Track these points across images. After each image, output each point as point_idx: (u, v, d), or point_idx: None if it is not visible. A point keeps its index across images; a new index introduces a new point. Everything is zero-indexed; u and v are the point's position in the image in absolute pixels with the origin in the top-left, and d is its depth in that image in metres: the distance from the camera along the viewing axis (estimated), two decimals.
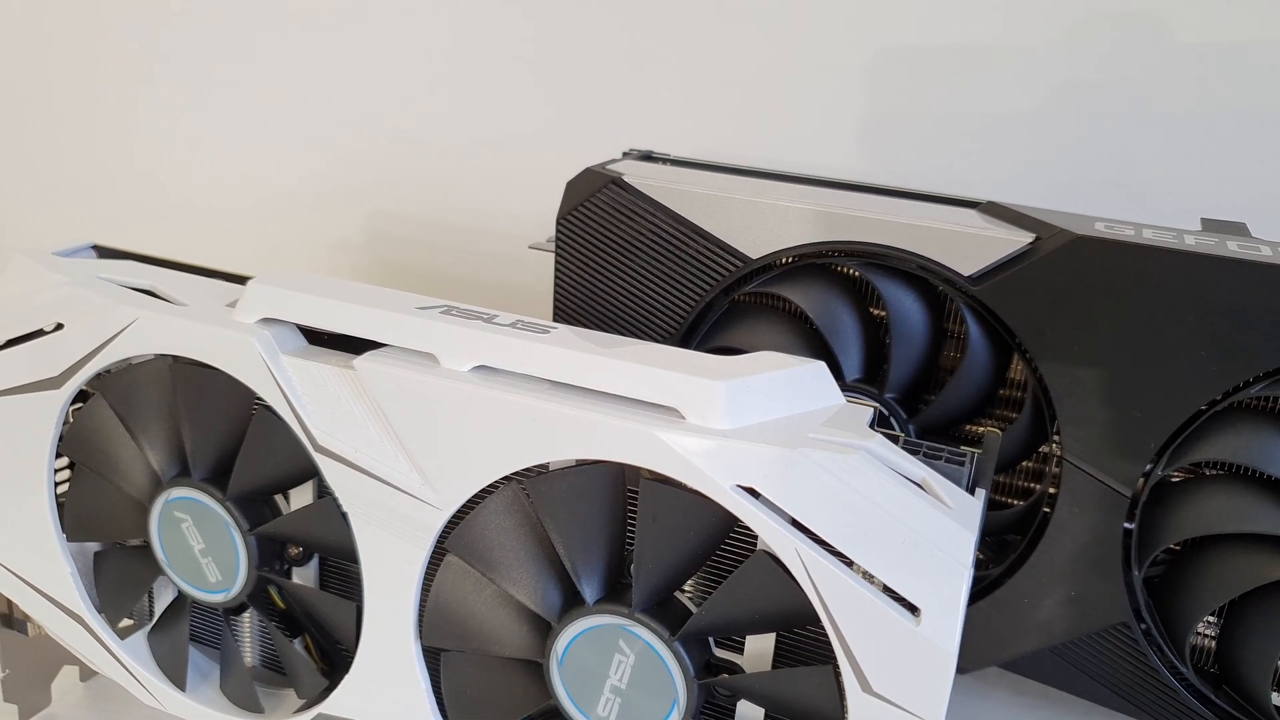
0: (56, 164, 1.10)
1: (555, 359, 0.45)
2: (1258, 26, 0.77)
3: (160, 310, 0.51)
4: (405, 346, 0.47)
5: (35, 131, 1.09)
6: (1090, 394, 0.52)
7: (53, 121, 1.08)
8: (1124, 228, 0.53)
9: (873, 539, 0.40)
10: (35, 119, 1.09)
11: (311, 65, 1.00)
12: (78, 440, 0.55)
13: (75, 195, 1.10)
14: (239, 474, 0.51)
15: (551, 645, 0.46)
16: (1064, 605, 0.56)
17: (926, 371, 0.59)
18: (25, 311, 0.55)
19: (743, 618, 0.43)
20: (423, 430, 0.46)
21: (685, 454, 0.42)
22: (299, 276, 0.51)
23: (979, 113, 0.83)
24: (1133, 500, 0.53)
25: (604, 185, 0.60)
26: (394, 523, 0.48)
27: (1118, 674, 0.56)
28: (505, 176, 0.97)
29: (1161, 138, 0.80)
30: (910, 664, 0.40)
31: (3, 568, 0.59)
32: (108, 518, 0.56)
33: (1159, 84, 0.79)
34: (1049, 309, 0.52)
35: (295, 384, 0.48)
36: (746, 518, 0.41)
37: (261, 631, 0.60)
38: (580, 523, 0.45)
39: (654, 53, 0.90)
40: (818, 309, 0.57)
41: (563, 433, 0.44)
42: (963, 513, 0.41)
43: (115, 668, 0.58)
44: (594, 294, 0.62)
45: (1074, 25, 0.80)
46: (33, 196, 1.12)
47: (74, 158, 1.09)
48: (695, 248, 0.59)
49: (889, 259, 0.56)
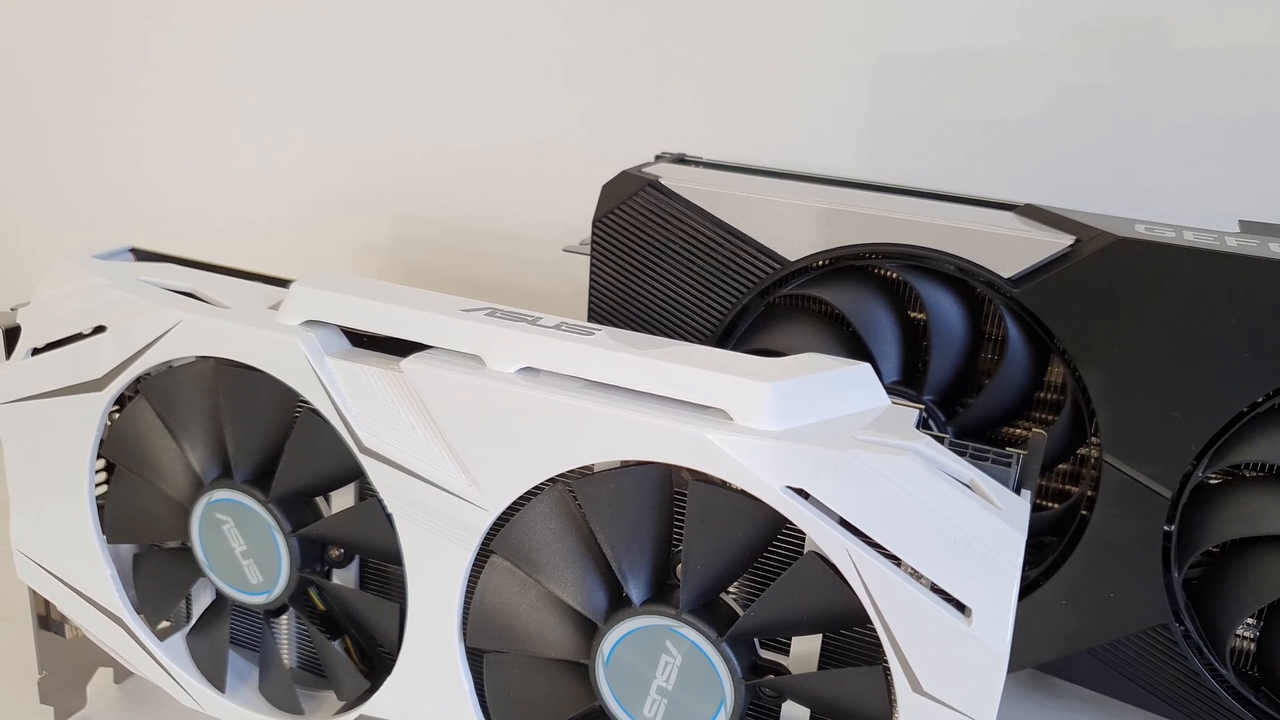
0: (78, 169, 1.10)
1: (601, 360, 0.45)
2: (1261, 31, 0.77)
3: (204, 313, 0.52)
4: (451, 348, 0.48)
5: (60, 138, 1.10)
6: (1131, 395, 0.52)
7: (77, 127, 1.09)
8: (1164, 230, 0.53)
9: (923, 539, 0.40)
10: (59, 125, 1.10)
11: (336, 70, 1.00)
12: (119, 442, 0.56)
13: (98, 201, 1.10)
14: (282, 476, 0.52)
15: (597, 646, 0.47)
16: (1102, 607, 0.56)
17: (964, 374, 0.59)
18: (68, 314, 0.55)
19: (792, 618, 0.44)
20: (470, 432, 0.47)
21: (735, 455, 0.42)
22: (342, 278, 0.51)
23: (984, 117, 0.83)
24: (1173, 502, 0.54)
25: (641, 188, 0.60)
26: (439, 524, 0.48)
27: (1157, 676, 0.56)
28: (530, 181, 0.98)
29: (1166, 143, 0.81)
30: (961, 664, 0.40)
31: (42, 569, 0.59)
32: (148, 520, 0.57)
33: (1163, 89, 0.80)
34: (1090, 311, 0.52)
35: (340, 386, 0.49)
36: (797, 519, 0.41)
37: (299, 633, 0.60)
38: (627, 524, 0.45)
39: (678, 56, 0.91)
40: (856, 311, 0.57)
41: (610, 434, 0.44)
42: (1011, 513, 0.41)
43: (154, 669, 0.59)
44: (629, 297, 0.63)
45: (1078, 30, 0.80)
46: (54, 201, 1.12)
47: (98, 163, 1.10)
48: (732, 250, 0.59)
49: (928, 261, 0.56)
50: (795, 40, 0.87)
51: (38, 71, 1.08)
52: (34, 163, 1.11)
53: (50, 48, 1.07)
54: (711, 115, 0.91)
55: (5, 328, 0.58)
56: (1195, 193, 0.81)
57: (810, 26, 0.86)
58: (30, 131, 1.10)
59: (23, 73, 1.08)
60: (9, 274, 1.14)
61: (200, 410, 0.54)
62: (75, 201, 1.11)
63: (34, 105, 1.09)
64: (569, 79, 0.95)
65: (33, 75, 1.08)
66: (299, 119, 1.03)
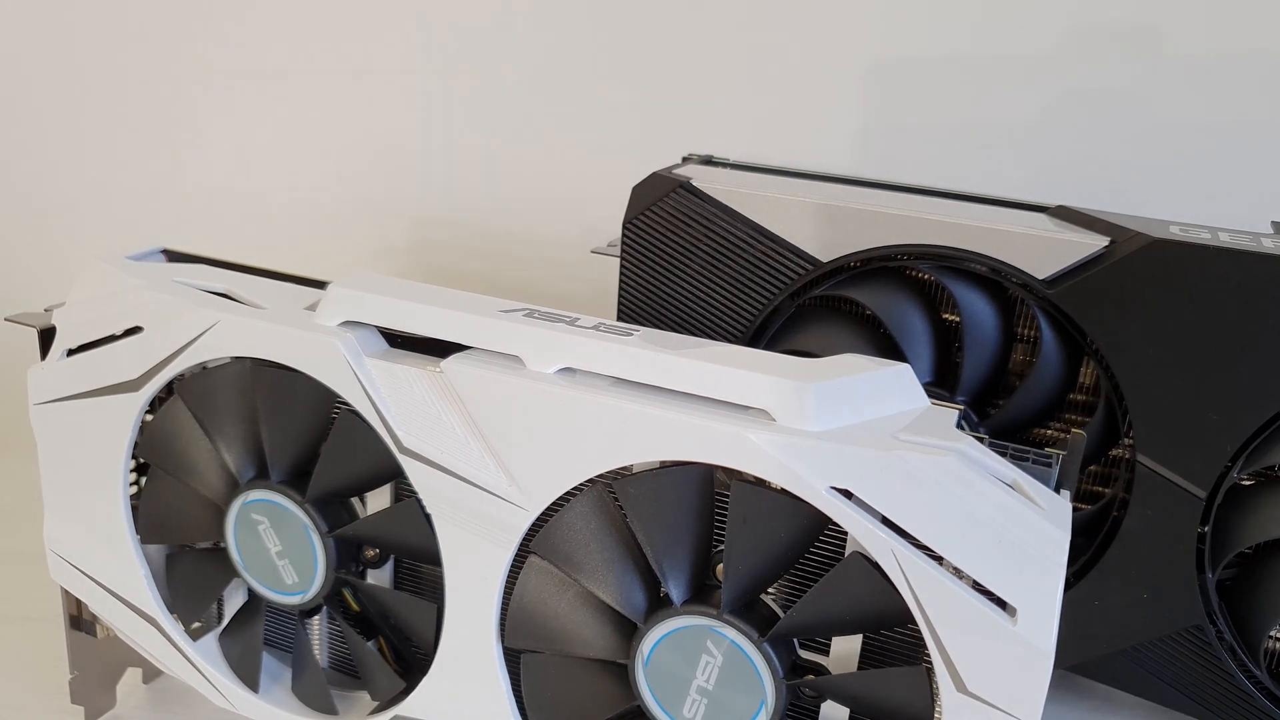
0: (101, 172, 1.11)
1: (641, 360, 0.46)
2: (1255, 38, 0.78)
3: (241, 313, 0.52)
4: (490, 349, 0.48)
5: (83, 141, 1.10)
6: (1166, 396, 0.53)
7: (100, 130, 1.09)
8: (1199, 231, 0.53)
9: (968, 539, 0.41)
10: (82, 128, 1.10)
11: (357, 72, 1.01)
12: (154, 443, 0.56)
13: (120, 202, 1.11)
14: (320, 476, 0.52)
15: (637, 646, 0.47)
16: (1135, 608, 0.56)
17: (997, 376, 0.59)
18: (103, 316, 0.55)
19: (835, 618, 0.44)
20: (510, 432, 0.47)
21: (778, 456, 0.42)
22: (379, 279, 0.52)
23: (980, 122, 0.84)
24: (1207, 503, 0.54)
25: (672, 190, 0.61)
26: (479, 524, 0.48)
27: (1190, 678, 0.56)
28: (550, 183, 0.98)
29: (1161, 148, 0.82)
30: (1007, 664, 0.40)
31: (75, 569, 0.60)
32: (183, 520, 0.57)
33: (1158, 94, 0.80)
34: (1126, 311, 0.53)
35: (380, 386, 0.49)
36: (841, 519, 0.42)
37: (330, 634, 0.61)
38: (668, 524, 0.46)
39: (702, 60, 0.91)
40: (889, 312, 0.58)
41: (652, 434, 0.44)
42: (1054, 513, 0.41)
43: (187, 669, 0.59)
44: (660, 298, 0.63)
45: (1074, 36, 0.81)
46: (78, 204, 1.13)
47: (119, 165, 1.10)
48: (764, 251, 0.59)
49: (962, 262, 0.56)
50: (803, 44, 0.88)
51: (61, 75, 1.09)
52: (58, 166, 1.12)
53: (74, 52, 1.08)
54: (732, 119, 0.92)
55: (40, 329, 0.58)
56: (1190, 199, 0.81)
57: (814, 33, 0.87)
58: (55, 135, 1.11)
59: (48, 76, 1.09)
60: (32, 276, 1.14)
61: (236, 411, 0.54)
62: (98, 204, 1.12)
63: (57, 110, 1.10)
64: (591, 81, 0.95)
65: (57, 79, 1.09)
66: (319, 121, 1.03)
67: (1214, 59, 0.79)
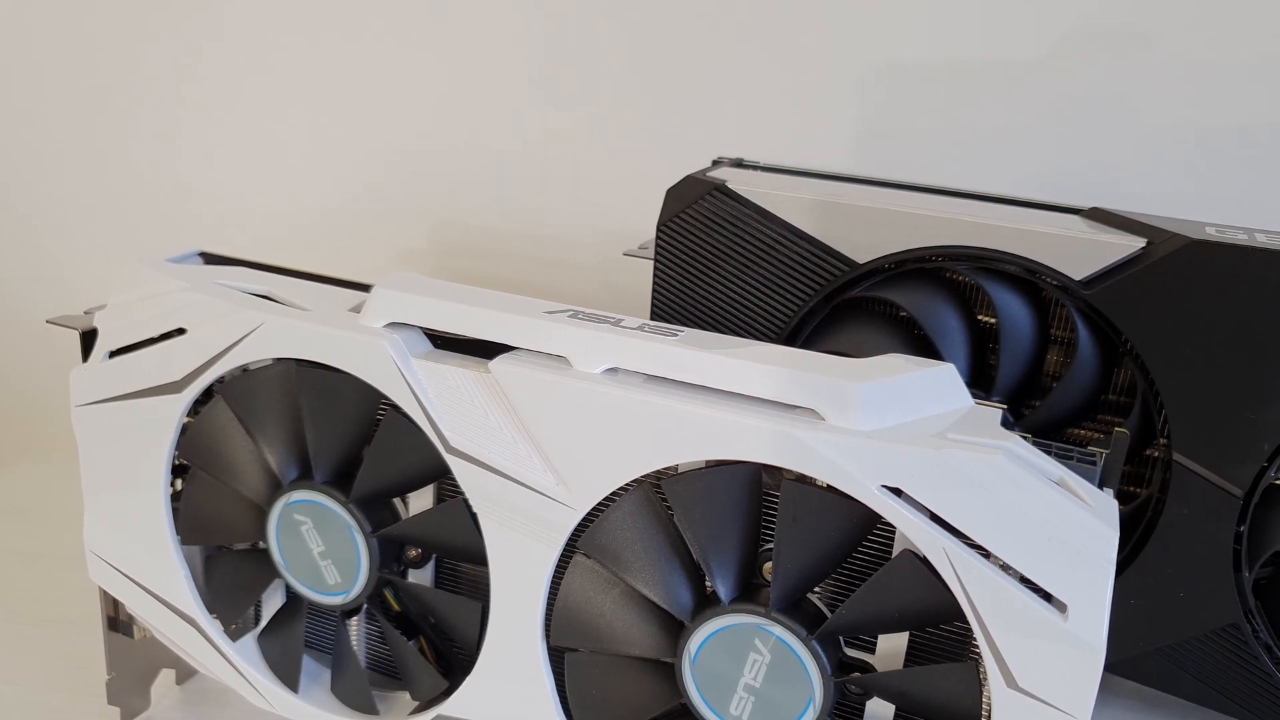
0: (118, 177, 1.12)
1: (688, 361, 0.46)
2: (1242, 43, 0.79)
3: (287, 315, 0.52)
4: (536, 349, 0.49)
5: (101, 145, 1.11)
6: (1203, 396, 0.53)
7: (118, 135, 1.10)
8: (1235, 232, 0.54)
9: (1019, 537, 0.41)
10: (99, 133, 1.11)
11: (378, 78, 1.02)
12: (196, 444, 0.56)
13: (140, 208, 1.11)
14: (365, 476, 0.53)
15: (684, 644, 0.47)
16: (1171, 607, 0.57)
17: (1032, 376, 0.60)
18: (146, 317, 0.56)
19: (884, 616, 0.44)
20: (558, 431, 0.47)
21: (830, 455, 0.43)
22: (423, 281, 0.52)
23: (969, 126, 0.85)
24: (1244, 501, 0.54)
25: (707, 192, 0.61)
26: (526, 523, 0.49)
27: (1226, 676, 0.57)
28: (569, 188, 0.99)
29: (1148, 152, 0.83)
30: (1058, 660, 0.41)
31: (114, 570, 0.60)
32: (224, 521, 0.57)
33: (1146, 99, 0.81)
34: (1163, 312, 0.53)
35: (427, 387, 0.50)
36: (893, 517, 0.42)
37: (368, 635, 0.61)
38: (716, 522, 0.46)
39: (714, 62, 0.92)
40: (925, 313, 0.58)
41: (702, 434, 0.45)
42: (1102, 510, 0.42)
43: (226, 670, 0.60)
44: (694, 299, 0.64)
45: (1062, 41, 0.82)
46: (96, 209, 1.13)
47: (139, 170, 1.11)
48: (800, 253, 0.60)
49: (999, 263, 0.57)
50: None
51: (85, 82, 1.09)
52: (80, 172, 1.12)
53: (92, 56, 1.08)
54: (747, 122, 0.93)
55: (82, 331, 0.58)
56: (1180, 201, 0.82)
57: (816, 39, 0.88)
58: (75, 141, 1.12)
59: (75, 82, 1.10)
60: (58, 280, 1.15)
61: (279, 412, 0.54)
62: (117, 208, 1.12)
63: (76, 116, 1.11)
64: (610, 86, 0.96)
65: (74, 84, 1.10)
66: (339, 126, 1.04)
67: (1205, 63, 0.80)
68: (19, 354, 1.16)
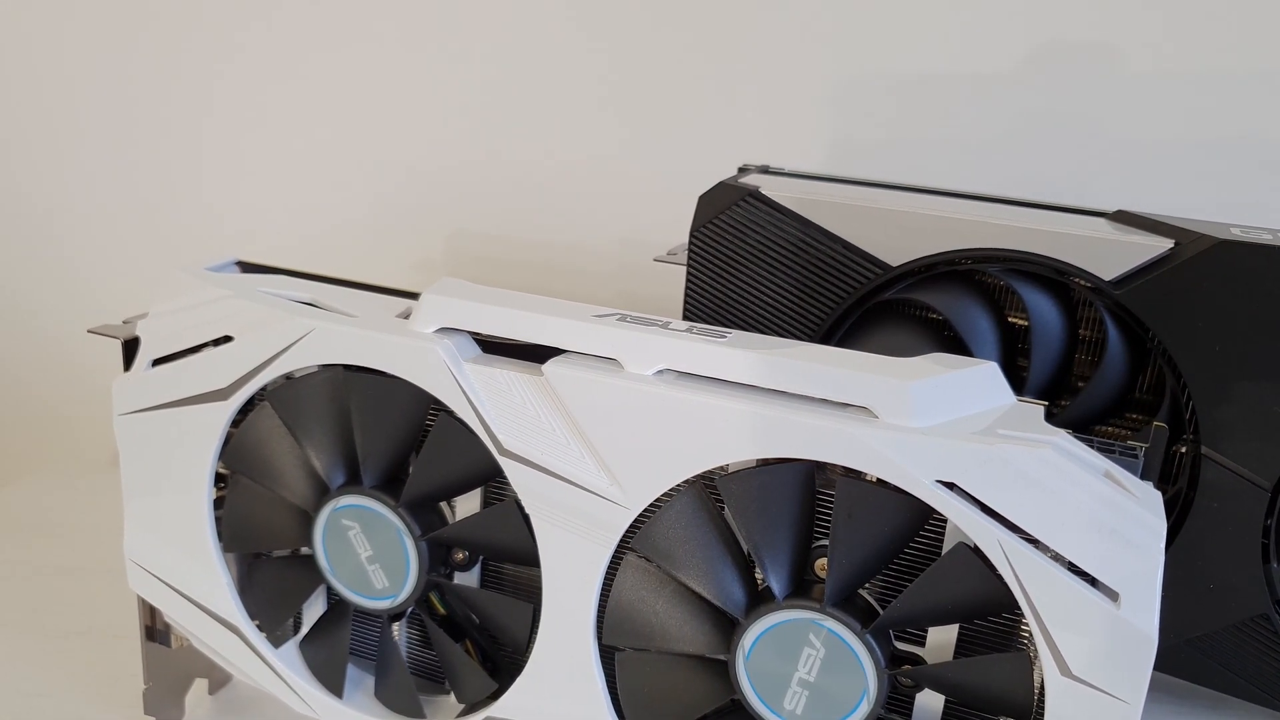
0: (132, 190, 1.12)
1: (740, 361, 0.48)
2: (1207, 57, 0.82)
3: (336, 321, 0.53)
4: (588, 352, 0.50)
5: (117, 160, 1.11)
6: (1232, 391, 0.55)
7: (136, 149, 1.11)
8: (1260, 233, 0.56)
9: (1071, 528, 0.43)
10: (114, 148, 1.11)
11: (391, 86, 1.03)
12: (242, 451, 0.57)
13: (155, 220, 1.12)
14: (416, 479, 0.53)
15: (738, 641, 0.49)
16: (1201, 598, 0.59)
17: (1062, 376, 0.62)
18: (191, 325, 0.57)
19: (939, 608, 0.46)
20: (612, 432, 0.49)
21: (886, 451, 0.44)
22: (470, 287, 0.54)
23: (941, 138, 0.88)
24: (1272, 494, 0.56)
25: (741, 198, 0.63)
26: (579, 523, 0.50)
27: (1256, 665, 0.59)
28: (585, 196, 1.00)
29: (1115, 164, 0.86)
30: (1111, 647, 0.43)
31: (156, 579, 0.61)
32: (269, 527, 0.58)
33: (1112, 112, 0.85)
34: (1192, 310, 0.55)
35: (479, 390, 0.51)
36: (947, 511, 0.44)
37: (408, 641, 0.62)
38: (771, 520, 0.47)
39: (719, 75, 0.94)
40: (958, 314, 0.60)
41: (756, 432, 0.46)
42: (1149, 501, 0.44)
43: (269, 676, 0.60)
44: (727, 303, 0.65)
45: (1033, 55, 0.85)
46: (109, 222, 1.14)
47: (155, 183, 1.11)
48: (833, 256, 0.62)
49: (1030, 265, 0.59)
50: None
51: (101, 96, 1.10)
52: (101, 185, 1.13)
53: (119, 69, 1.09)
54: (763, 129, 0.95)
55: (124, 340, 0.59)
56: None
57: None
58: (91, 155, 1.12)
59: (93, 95, 1.10)
60: (76, 293, 1.15)
61: (327, 418, 0.55)
62: (131, 222, 1.13)
63: (96, 128, 1.11)
64: (619, 97, 0.97)
65: (98, 100, 1.10)
66: (352, 139, 1.05)
67: (1172, 77, 0.84)
68: (40, 368, 1.17)
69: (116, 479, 0.61)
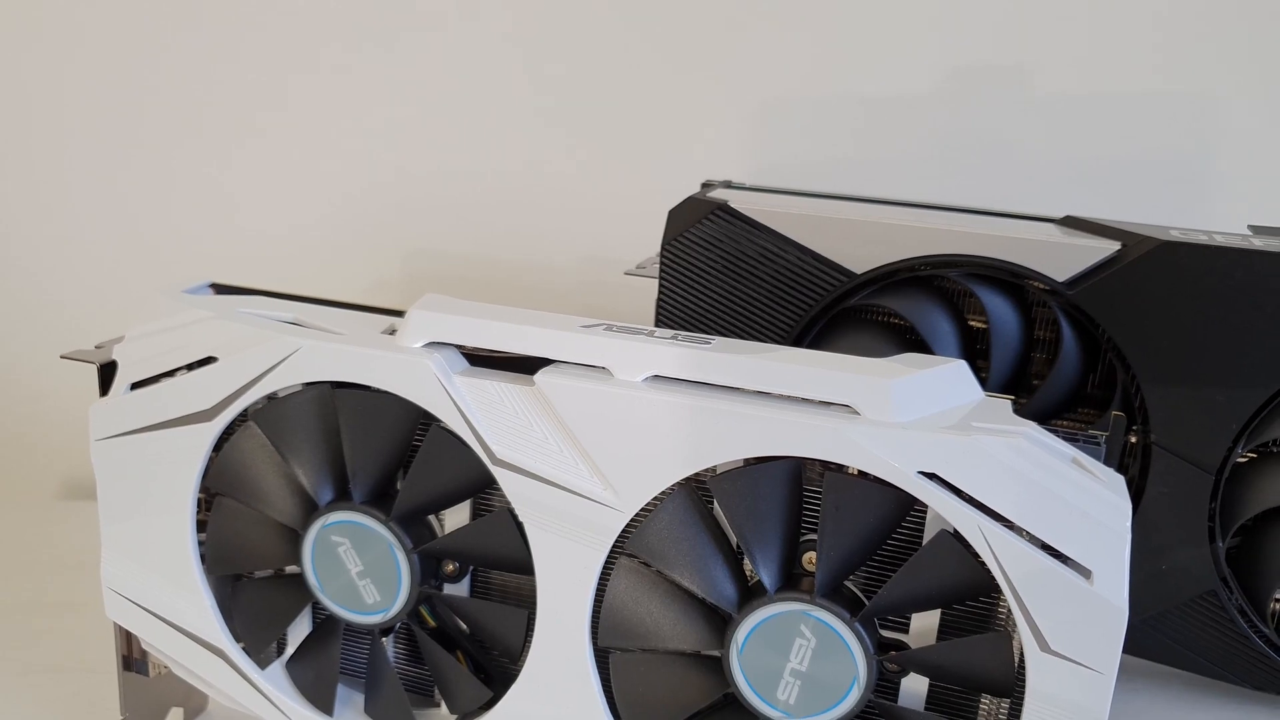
0: (68, 214, 1.11)
1: (727, 365, 0.50)
2: (1111, 80, 0.89)
3: (324, 339, 0.55)
4: (578, 362, 0.52)
5: (65, 183, 1.10)
6: (1178, 385, 0.60)
7: (74, 171, 1.09)
8: (1197, 234, 0.61)
9: (1045, 512, 0.46)
10: (60, 167, 1.10)
11: (344, 105, 1.04)
12: (226, 472, 0.58)
13: (95, 245, 1.10)
14: (408, 493, 0.55)
15: (732, 635, 0.51)
16: (1154, 579, 0.63)
17: (1019, 375, 0.66)
18: (172, 348, 0.57)
19: (924, 593, 0.49)
20: (605, 438, 0.51)
21: (870, 446, 0.47)
22: (455, 302, 0.55)
23: (855, 158, 0.93)
24: (1216, 479, 0.61)
25: (710, 211, 0.66)
26: (574, 528, 0.52)
27: (1207, 640, 0.63)
28: (543, 213, 1.03)
29: (1024, 184, 0.92)
30: (1086, 622, 0.46)
31: (136, 606, 0.61)
32: (255, 548, 0.59)
33: (1019, 132, 0.91)
34: (1139, 308, 0.59)
35: (471, 402, 0.52)
36: (931, 500, 0.47)
37: (395, 655, 0.62)
38: (762, 517, 0.50)
39: (677, 92, 0.98)
40: (920, 318, 0.63)
41: (747, 432, 0.49)
42: (1114, 484, 0.47)
43: (256, 699, 0.61)
44: (699, 314, 0.68)
45: (950, 75, 0.91)
46: (61, 249, 1.12)
47: (94, 210, 1.10)
48: (802, 266, 0.65)
49: (988, 269, 0.62)
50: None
51: (62, 121, 1.09)
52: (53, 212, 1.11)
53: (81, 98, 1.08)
54: (724, 145, 0.98)
55: (100, 364, 0.59)
56: None
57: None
58: (40, 180, 1.10)
59: (51, 121, 1.09)
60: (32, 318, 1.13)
61: (315, 435, 0.56)
62: (73, 245, 1.11)
63: (35, 149, 1.10)
64: (584, 113, 1.00)
65: (44, 124, 1.09)
66: (306, 159, 1.05)
67: (1079, 98, 0.90)
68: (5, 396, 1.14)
69: (84, 510, 0.60)
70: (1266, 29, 0.88)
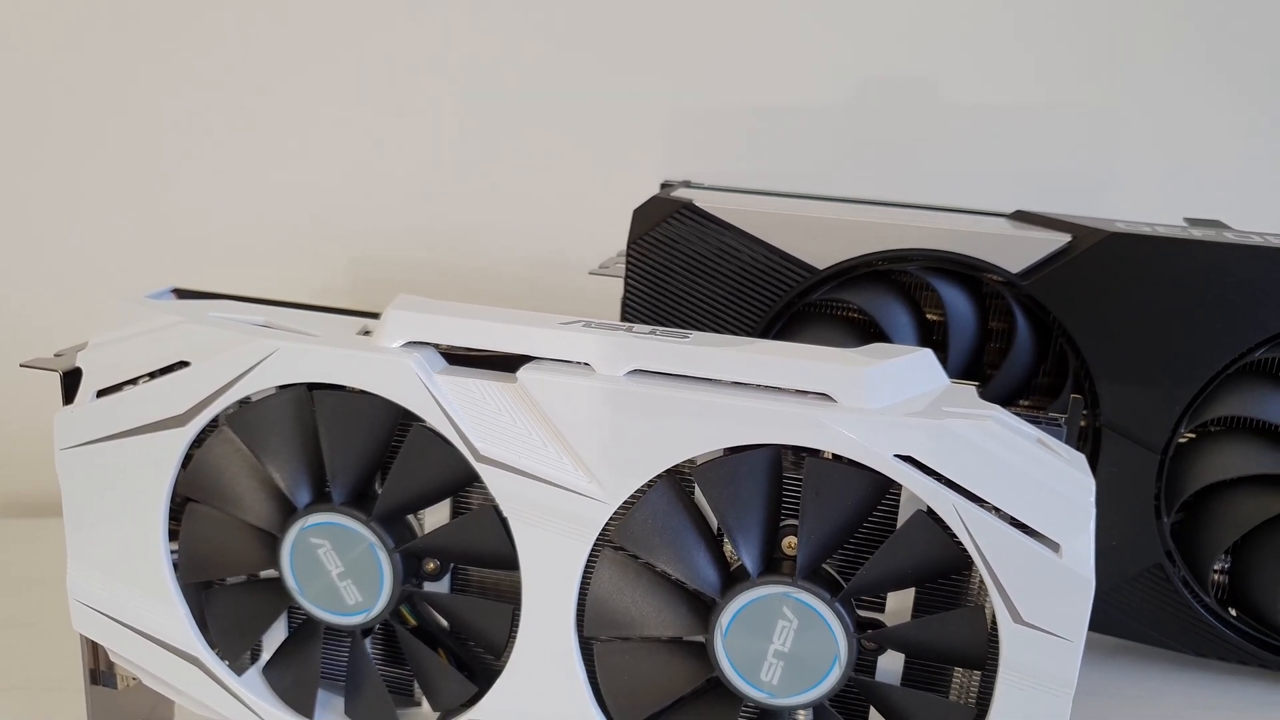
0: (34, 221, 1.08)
1: (707, 358, 0.52)
2: (1019, 90, 0.95)
3: (300, 340, 0.55)
4: (558, 358, 0.53)
5: None
6: (1125, 369, 0.63)
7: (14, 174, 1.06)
8: (1140, 226, 0.64)
9: (1015, 489, 0.48)
10: None
11: (288, 109, 1.03)
12: (201, 478, 0.57)
13: (41, 251, 1.07)
14: (390, 492, 0.55)
15: (716, 620, 0.52)
16: (1106, 555, 0.66)
17: (976, 364, 0.69)
18: (140, 353, 0.57)
19: (901, 572, 0.51)
20: (588, 432, 0.52)
21: (847, 432, 0.49)
22: (431, 302, 0.56)
23: (770, 170, 0.97)
24: (1160, 458, 0.64)
25: (675, 210, 0.67)
26: (558, 521, 0.53)
27: (1155, 611, 0.67)
28: (492, 217, 1.03)
29: (932, 192, 0.98)
30: (1056, 592, 0.48)
31: (105, 617, 0.60)
32: (231, 553, 0.58)
33: (928, 141, 0.96)
34: (1089, 297, 0.63)
35: (452, 400, 0.53)
36: (907, 482, 0.49)
37: (373, 656, 0.63)
38: (743, 503, 0.52)
39: (630, 91, 0.99)
40: (879, 311, 0.66)
41: (728, 422, 0.50)
42: (1077, 463, 0.50)
43: (233, 706, 0.60)
44: (666, 311, 0.69)
45: (862, 86, 0.95)
46: None
47: (38, 214, 1.07)
48: (765, 262, 0.67)
49: (945, 262, 0.65)
50: None
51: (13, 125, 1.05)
52: None
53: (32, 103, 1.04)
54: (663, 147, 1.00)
55: (64, 372, 0.58)
56: None
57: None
58: None
59: None
60: None
61: (292, 438, 0.56)
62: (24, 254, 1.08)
63: None
64: (532, 115, 1.01)
65: None
66: (249, 163, 1.04)
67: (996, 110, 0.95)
68: None
69: (46, 526, 0.59)
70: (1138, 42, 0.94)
